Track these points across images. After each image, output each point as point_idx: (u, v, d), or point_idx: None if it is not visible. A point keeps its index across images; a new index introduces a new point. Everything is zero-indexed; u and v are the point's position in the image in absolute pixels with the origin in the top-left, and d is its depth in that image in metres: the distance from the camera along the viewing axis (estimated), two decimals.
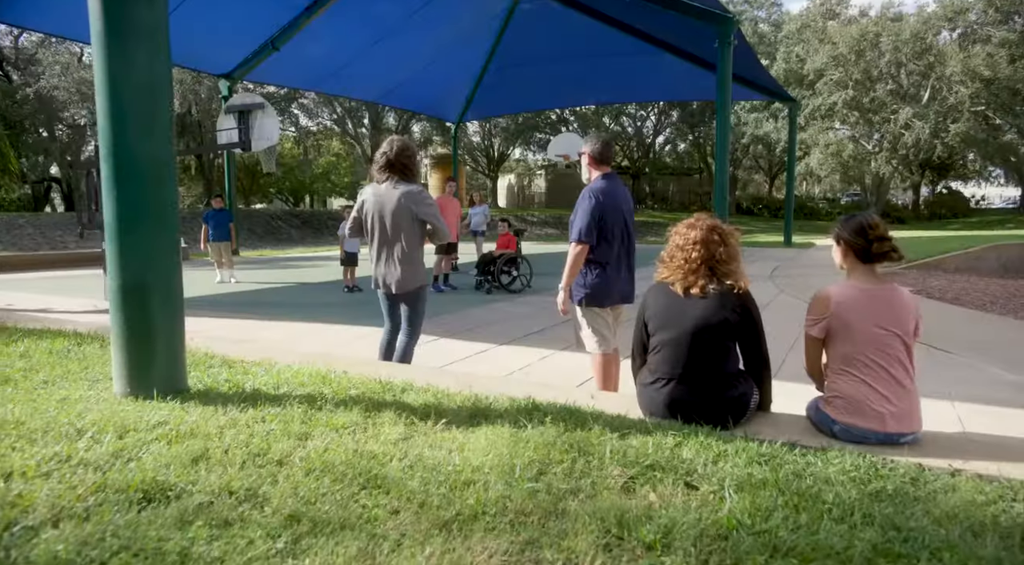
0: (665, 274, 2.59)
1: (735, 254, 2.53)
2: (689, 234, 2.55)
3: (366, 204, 3.72)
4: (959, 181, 41.92)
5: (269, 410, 2.41)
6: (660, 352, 2.51)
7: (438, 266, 9.32)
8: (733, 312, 2.44)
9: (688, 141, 37.38)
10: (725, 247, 2.50)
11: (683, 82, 17.76)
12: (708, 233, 2.53)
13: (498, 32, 17.83)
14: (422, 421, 2.35)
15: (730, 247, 2.52)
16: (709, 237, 2.52)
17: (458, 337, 5.91)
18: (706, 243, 2.50)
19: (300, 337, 5.83)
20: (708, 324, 2.42)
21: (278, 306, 7.73)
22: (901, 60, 24.45)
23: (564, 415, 2.46)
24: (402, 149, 3.66)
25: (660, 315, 2.52)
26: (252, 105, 9.06)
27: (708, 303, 2.45)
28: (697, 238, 2.52)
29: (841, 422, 2.29)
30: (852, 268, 2.36)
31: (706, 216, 2.64)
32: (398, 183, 3.63)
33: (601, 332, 3.46)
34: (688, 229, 2.59)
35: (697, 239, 2.52)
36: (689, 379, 2.45)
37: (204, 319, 6.66)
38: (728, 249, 2.51)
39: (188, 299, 8.36)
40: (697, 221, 2.60)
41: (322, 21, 14.32)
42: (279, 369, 3.11)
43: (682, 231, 2.61)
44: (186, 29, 12.76)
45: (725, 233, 2.55)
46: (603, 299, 3.42)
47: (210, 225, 9.89)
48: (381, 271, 3.70)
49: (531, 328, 6.30)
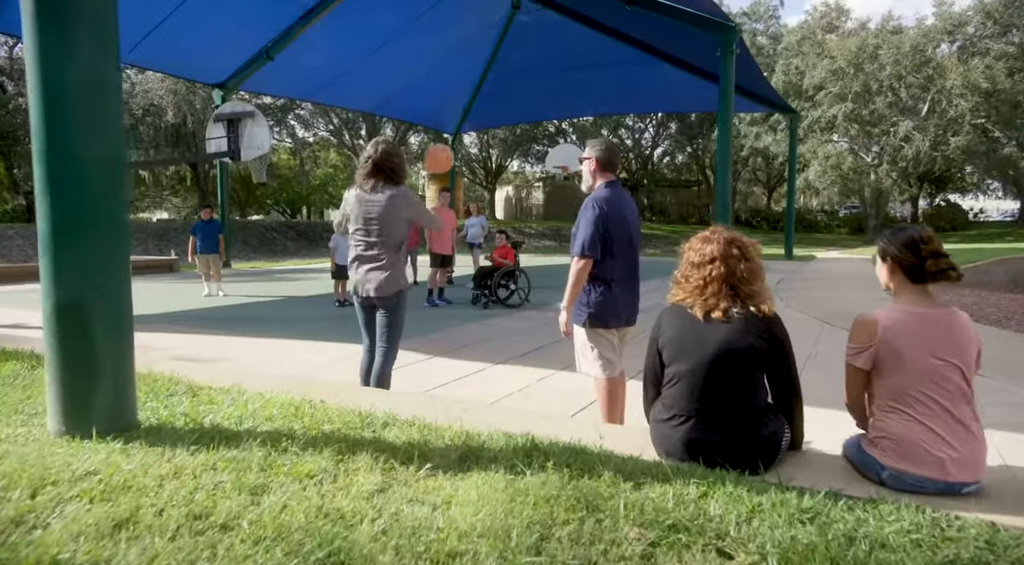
0: (681, 296, 2.27)
1: (758, 271, 2.20)
2: (705, 249, 2.23)
3: (348, 206, 3.44)
4: (957, 194, 41.88)
5: (225, 453, 2.06)
6: (677, 384, 2.18)
7: (432, 279, 9.00)
8: (760, 338, 2.12)
9: (686, 153, 37.28)
10: (746, 262, 2.18)
11: (682, 93, 17.58)
12: (726, 247, 2.21)
13: (496, 42, 17.67)
14: (403, 465, 2.02)
15: (752, 262, 2.20)
16: (728, 252, 2.20)
17: (452, 355, 5.58)
18: (725, 259, 2.18)
19: (283, 356, 5.50)
20: (732, 352, 2.09)
21: (264, 321, 7.39)
22: (901, 73, 24.37)
23: (568, 457, 2.12)
24: (388, 151, 3.38)
25: (676, 342, 2.20)
26: (242, 113, 8.78)
27: (731, 328, 2.13)
28: (715, 253, 2.20)
29: (891, 468, 1.96)
30: (901, 288, 2.04)
31: (722, 228, 2.32)
32: (384, 186, 3.35)
33: (606, 355, 3.14)
34: (703, 243, 2.27)
35: (715, 255, 2.20)
36: (711, 416, 2.12)
37: (183, 335, 6.32)
38: (750, 265, 2.18)
39: (170, 314, 7.99)
40: (713, 234, 2.28)
41: (317, 31, 14.12)
42: (248, 398, 2.77)
43: (697, 246, 2.28)
44: (178, 38, 12.55)
45: (745, 246, 2.23)
46: (608, 320, 3.10)
47: (198, 237, 9.57)
48: (360, 276, 3.42)
49: (529, 345, 5.97)
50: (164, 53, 13.16)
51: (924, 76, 24.29)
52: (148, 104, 24.64)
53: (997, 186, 39.30)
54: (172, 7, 11.65)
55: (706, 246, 2.25)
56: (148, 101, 24.59)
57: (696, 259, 2.25)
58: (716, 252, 2.20)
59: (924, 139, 23.91)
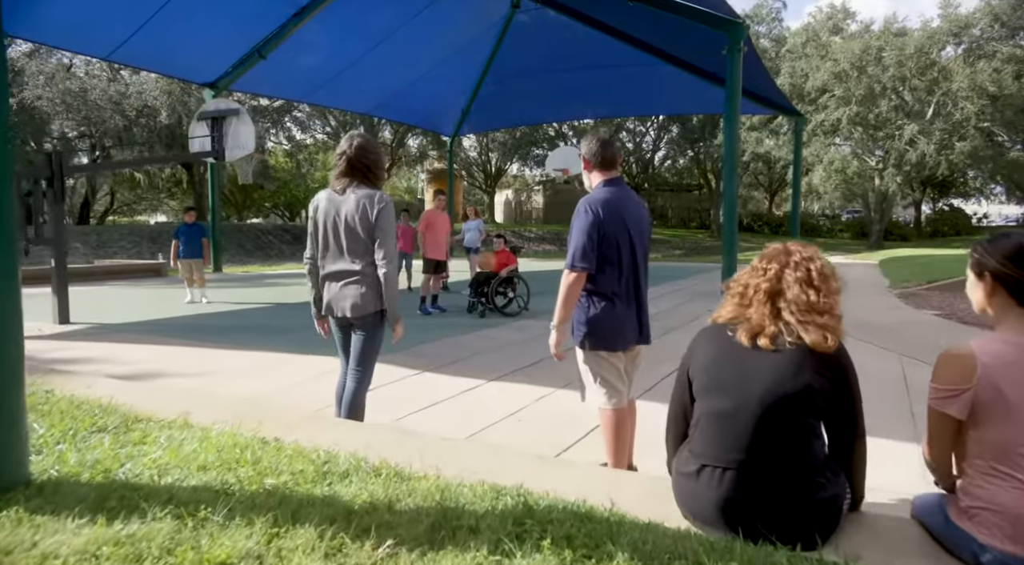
0: (725, 313, 1.82)
1: (829, 298, 1.74)
2: (769, 267, 1.80)
3: (319, 211, 2.97)
4: (959, 199, 41.52)
5: (122, 529, 1.58)
6: (709, 426, 1.73)
7: (425, 286, 8.55)
8: (819, 375, 1.66)
9: (688, 157, 36.88)
10: (811, 286, 1.72)
11: (685, 95, 17.18)
12: (791, 262, 1.78)
13: (494, 42, 17.28)
14: (357, 541, 1.56)
15: (821, 287, 1.74)
16: (787, 263, 1.76)
17: (442, 370, 5.13)
18: (781, 273, 1.74)
19: (262, 370, 5.04)
20: (784, 392, 1.64)
21: (247, 331, 6.93)
22: (905, 75, 23.97)
23: (570, 526, 1.67)
24: (363, 147, 2.91)
25: (711, 372, 1.75)
26: (226, 111, 8.34)
27: (782, 360, 1.68)
28: (774, 265, 1.76)
29: (995, 549, 1.50)
30: (1004, 313, 1.59)
31: (801, 244, 1.87)
32: (357, 187, 2.89)
33: (610, 381, 2.68)
34: (772, 254, 1.84)
35: (773, 267, 1.76)
36: (754, 471, 1.66)
37: (154, 347, 5.86)
38: (819, 289, 1.72)
39: (146, 322, 7.51)
40: (786, 246, 1.85)
41: (311, 30, 13.72)
42: (186, 436, 2.31)
43: (764, 254, 1.86)
44: (166, 35, 12.13)
45: (817, 267, 1.78)
46: (612, 341, 2.65)
47: (181, 240, 9.12)
48: (332, 292, 2.95)
49: (526, 359, 5.51)
50: (152, 51, 12.74)
51: (929, 79, 23.89)
52: (142, 105, 24.23)
53: (1000, 191, 38.97)
54: (159, 3, 11.24)
55: (772, 258, 1.82)
56: (142, 102, 24.18)
57: (757, 268, 1.82)
58: (777, 263, 1.77)
59: (929, 142, 23.50)
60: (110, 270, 13.84)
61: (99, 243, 21.34)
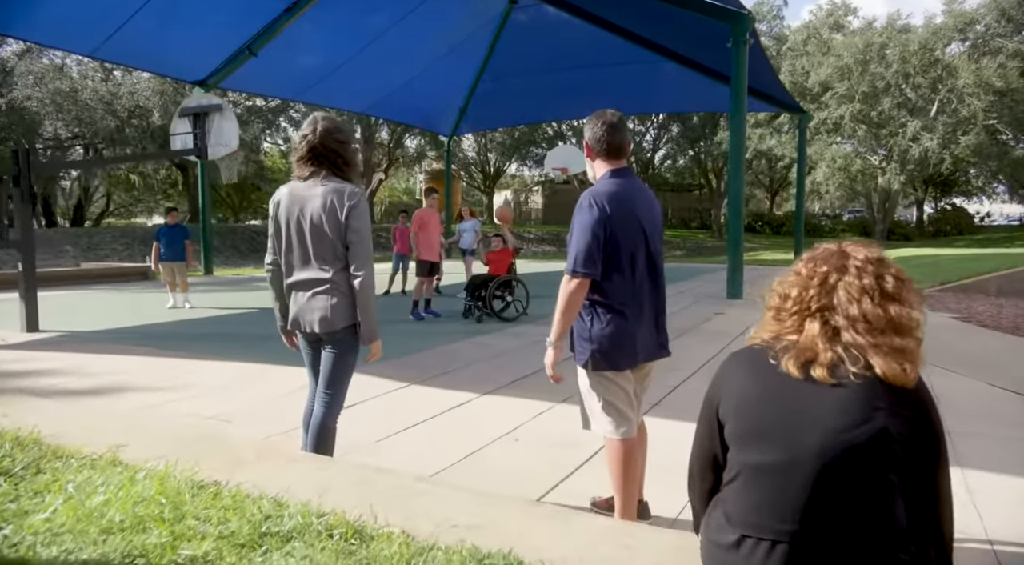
0: (767, 332, 1.43)
1: (907, 317, 1.30)
2: (820, 273, 1.36)
3: (280, 209, 2.57)
4: (961, 198, 41.17)
5: None
6: (751, 484, 1.33)
7: (419, 289, 8.15)
8: (897, 416, 1.26)
9: (688, 157, 36.50)
10: (883, 299, 1.29)
11: (686, 93, 16.84)
12: (856, 270, 1.34)
13: (491, 40, 16.93)
14: None
15: (897, 302, 1.30)
16: (856, 276, 1.35)
17: (432, 383, 4.74)
18: (839, 281, 1.33)
19: (239, 383, 4.65)
20: (852, 440, 1.24)
21: (225, 339, 6.54)
22: (909, 71, 23.60)
23: None
24: (329, 130, 2.50)
25: (751, 412, 1.34)
26: (209, 107, 7.95)
27: (847, 397, 1.27)
28: (835, 273, 1.35)
29: None
30: None
31: (862, 244, 1.40)
32: (325, 179, 2.49)
33: (617, 407, 2.29)
34: (825, 256, 1.39)
35: (836, 274, 1.34)
36: (813, 546, 1.27)
37: (121, 358, 5.47)
38: (892, 304, 1.30)
39: (123, 329, 7.13)
40: (843, 249, 1.39)
41: (304, 27, 13.38)
42: (106, 480, 1.91)
43: (807, 266, 1.39)
44: (153, 31, 11.76)
45: (889, 275, 1.32)
46: (619, 358, 2.25)
47: (162, 243, 8.74)
48: (299, 304, 2.54)
49: (523, 369, 5.12)
50: (138, 48, 12.39)
51: (933, 75, 23.52)
52: (134, 105, 23.84)
53: (1003, 190, 38.63)
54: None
55: (823, 261, 1.39)
56: (134, 102, 23.79)
57: (803, 273, 1.39)
58: (831, 268, 1.35)
59: (932, 138, 23.12)
60: (96, 273, 13.46)
61: (90, 245, 20.95)
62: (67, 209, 33.86)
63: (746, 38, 9.78)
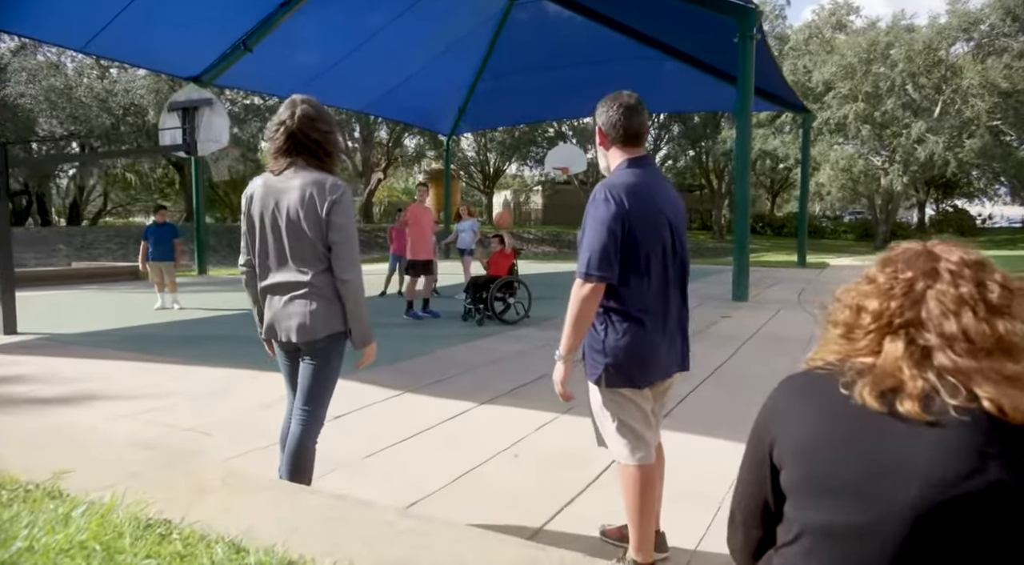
0: (830, 354, 1.13)
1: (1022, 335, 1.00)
2: (904, 279, 1.06)
3: (253, 203, 2.28)
4: (963, 199, 40.98)
5: None
6: (822, 551, 1.04)
7: (411, 289, 7.86)
8: (1013, 464, 0.98)
9: (689, 157, 36.24)
10: (1002, 309, 1.01)
11: (688, 92, 16.60)
12: (950, 275, 1.05)
13: (491, 38, 16.69)
14: None
15: (1014, 315, 1.00)
16: (951, 283, 1.04)
17: (428, 390, 4.47)
18: (950, 297, 1.04)
19: (213, 393, 4.37)
20: (957, 494, 0.96)
21: (212, 342, 6.26)
22: (914, 71, 23.34)
23: None
24: (310, 116, 2.21)
25: (819, 458, 1.05)
26: (199, 101, 7.67)
27: (948, 439, 0.98)
28: (922, 279, 1.06)
29: None
30: None
31: (951, 243, 1.09)
32: (302, 170, 2.21)
33: (634, 429, 2.01)
34: (909, 259, 1.09)
35: (923, 281, 1.05)
36: None
37: (100, 362, 5.19)
38: (1014, 310, 1.02)
39: (104, 332, 6.81)
40: (930, 250, 1.09)
41: (301, 23, 13.13)
42: (34, 521, 1.63)
43: (886, 271, 1.09)
44: (145, 26, 11.48)
45: (1004, 284, 1.03)
46: (637, 374, 1.97)
47: (150, 242, 8.45)
48: (275, 310, 2.26)
49: (524, 376, 4.85)
50: (130, 42, 12.11)
51: (938, 75, 23.26)
52: (129, 103, 23.58)
53: (1004, 192, 38.43)
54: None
55: (906, 263, 1.09)
56: (129, 100, 23.53)
57: (880, 280, 1.10)
58: (917, 273, 1.05)
59: (938, 141, 22.87)
60: (85, 273, 13.17)
61: (83, 244, 20.67)
62: (63, 208, 33.60)
63: (753, 33, 9.52)
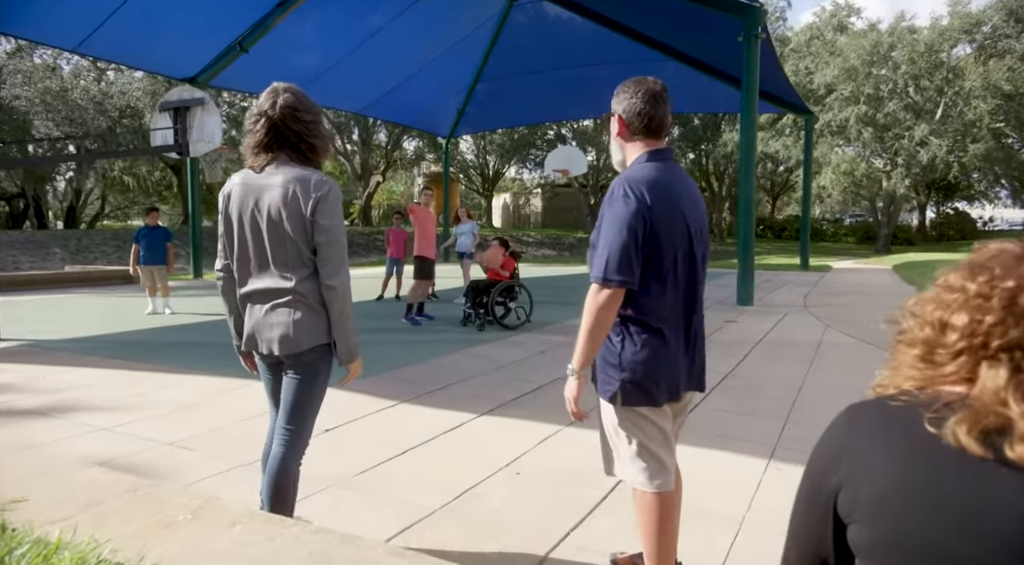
0: (906, 380, 0.92)
1: None
2: (1004, 285, 0.84)
3: (231, 202, 2.08)
4: (964, 202, 40.88)
5: None
6: None
7: (415, 292, 7.66)
8: None
9: (689, 160, 36.11)
10: None
11: (690, 92, 16.42)
12: None
13: (490, 39, 16.54)
14: None
15: None
16: None
17: (424, 400, 4.26)
18: None
19: (199, 404, 4.16)
20: None
21: (202, 349, 6.05)
22: (916, 73, 23.21)
23: None
24: (293, 106, 2.00)
25: (904, 513, 0.83)
26: (191, 101, 7.48)
27: None
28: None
29: None
30: None
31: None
32: (284, 165, 2.00)
33: (652, 450, 1.80)
34: (998, 278, 0.83)
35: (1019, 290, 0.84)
36: None
37: (82, 370, 4.98)
38: None
39: (90, 338, 6.58)
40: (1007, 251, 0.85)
41: (298, 23, 12.95)
42: None
43: (978, 279, 0.83)
44: (139, 26, 11.29)
45: None
46: (657, 390, 1.76)
47: (141, 245, 8.24)
48: (255, 319, 2.06)
49: (526, 385, 4.65)
50: (124, 43, 11.92)
51: (940, 77, 23.12)
52: (125, 105, 23.40)
53: (1005, 194, 38.32)
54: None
55: (1004, 270, 0.87)
56: (125, 102, 23.35)
57: (970, 290, 0.87)
58: (1020, 281, 0.84)
59: (941, 145, 22.73)
60: (78, 276, 12.97)
61: (79, 247, 20.47)
62: (61, 211, 33.41)
63: (758, 32, 9.36)
